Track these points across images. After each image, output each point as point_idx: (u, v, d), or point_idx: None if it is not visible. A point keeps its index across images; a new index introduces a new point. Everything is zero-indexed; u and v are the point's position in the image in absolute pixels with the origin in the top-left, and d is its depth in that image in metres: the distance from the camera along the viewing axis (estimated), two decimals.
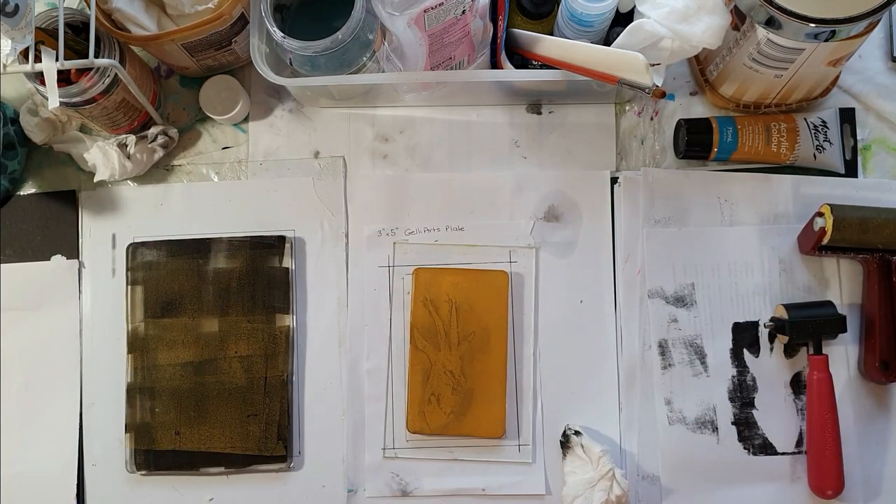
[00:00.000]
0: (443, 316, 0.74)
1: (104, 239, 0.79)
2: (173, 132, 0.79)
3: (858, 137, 0.78)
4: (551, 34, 0.74)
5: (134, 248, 0.77)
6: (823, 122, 0.77)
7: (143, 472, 0.74)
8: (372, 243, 0.77)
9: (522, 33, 0.73)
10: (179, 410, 0.74)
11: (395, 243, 0.77)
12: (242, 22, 0.74)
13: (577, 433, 0.72)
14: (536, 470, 0.73)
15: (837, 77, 0.77)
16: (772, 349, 0.75)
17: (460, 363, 0.74)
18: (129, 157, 0.77)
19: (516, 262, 0.76)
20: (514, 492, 0.73)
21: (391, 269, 0.77)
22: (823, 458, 0.70)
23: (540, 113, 0.80)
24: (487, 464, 0.74)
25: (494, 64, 0.74)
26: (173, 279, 0.76)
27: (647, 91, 0.65)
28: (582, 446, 0.71)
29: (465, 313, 0.74)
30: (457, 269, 0.76)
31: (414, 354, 0.74)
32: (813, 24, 0.62)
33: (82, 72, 0.70)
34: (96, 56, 0.68)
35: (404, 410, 0.74)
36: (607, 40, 0.72)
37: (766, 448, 0.73)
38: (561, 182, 0.78)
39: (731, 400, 0.74)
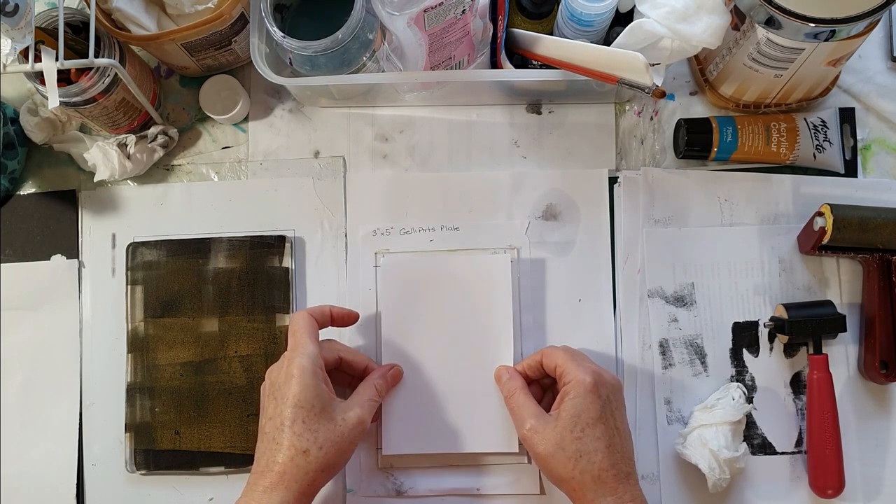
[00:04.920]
0: None
1: (104, 239, 0.79)
2: (173, 132, 0.79)
3: (858, 137, 0.78)
4: (551, 34, 0.74)
5: (134, 248, 0.77)
6: (823, 121, 0.77)
7: (143, 472, 0.74)
8: (367, 243, 0.77)
9: (522, 33, 0.73)
10: (179, 410, 0.74)
11: (375, 253, 0.76)
12: (242, 22, 0.74)
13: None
14: (531, 470, 0.73)
15: (837, 77, 0.77)
16: (771, 349, 0.75)
17: None
18: (129, 156, 0.77)
19: (513, 262, 0.76)
20: (508, 491, 0.73)
21: (378, 269, 0.76)
22: (823, 458, 0.70)
23: (540, 113, 0.80)
24: (482, 464, 0.74)
25: (494, 64, 0.74)
26: (173, 279, 0.77)
27: (647, 91, 0.65)
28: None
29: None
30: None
31: None
32: (813, 24, 0.62)
33: (82, 71, 0.70)
34: (96, 56, 0.68)
35: None
36: (607, 40, 0.72)
37: (766, 448, 0.73)
38: (558, 181, 0.78)
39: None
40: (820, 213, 0.71)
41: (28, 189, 0.80)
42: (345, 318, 0.72)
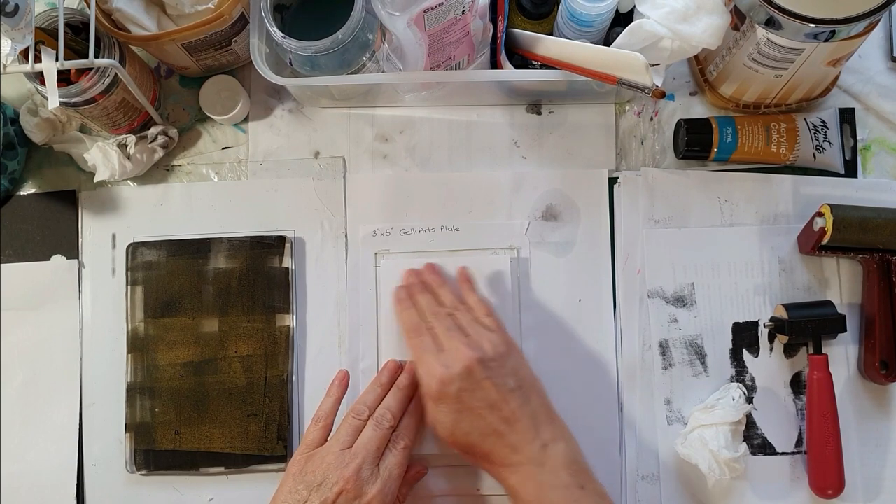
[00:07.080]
0: None
1: (104, 239, 0.79)
2: (173, 132, 0.79)
3: (858, 137, 0.78)
4: (551, 34, 0.74)
5: (134, 248, 0.77)
6: (823, 122, 0.77)
7: (143, 472, 0.74)
8: (367, 243, 0.77)
9: (522, 33, 0.73)
10: (179, 410, 0.74)
11: (376, 253, 0.77)
12: (242, 22, 0.74)
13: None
14: None
15: (837, 77, 0.77)
16: (771, 349, 0.75)
17: None
18: (129, 157, 0.77)
19: (513, 262, 0.76)
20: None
21: (378, 269, 0.76)
22: (824, 458, 0.70)
23: (540, 113, 0.80)
24: None
25: (494, 64, 0.74)
26: (173, 279, 0.77)
27: (646, 91, 0.65)
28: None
29: None
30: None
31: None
32: (813, 24, 0.62)
33: (82, 72, 0.70)
34: (96, 56, 0.68)
35: None
36: (607, 40, 0.72)
37: (766, 448, 0.73)
38: (558, 181, 0.78)
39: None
40: (820, 214, 0.71)
41: (28, 189, 0.80)
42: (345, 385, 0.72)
